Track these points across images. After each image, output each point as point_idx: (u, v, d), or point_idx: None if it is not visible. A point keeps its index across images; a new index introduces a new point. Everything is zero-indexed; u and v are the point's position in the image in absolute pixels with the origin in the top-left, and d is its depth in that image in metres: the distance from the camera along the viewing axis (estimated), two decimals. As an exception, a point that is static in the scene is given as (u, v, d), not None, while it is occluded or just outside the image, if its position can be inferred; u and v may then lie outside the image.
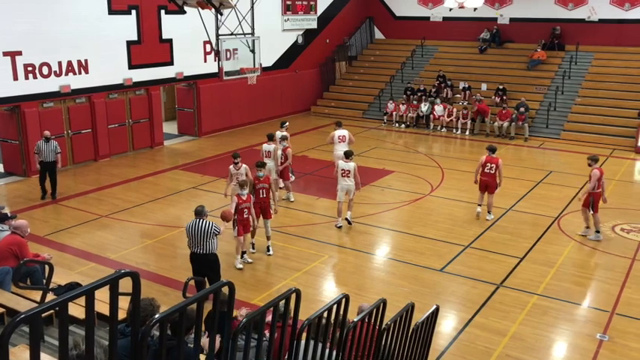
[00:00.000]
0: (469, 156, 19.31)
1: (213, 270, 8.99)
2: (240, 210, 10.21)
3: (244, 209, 10.27)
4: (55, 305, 2.30)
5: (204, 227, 8.81)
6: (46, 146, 14.02)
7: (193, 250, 8.97)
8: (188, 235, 8.96)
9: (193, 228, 8.84)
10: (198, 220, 8.87)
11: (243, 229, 10.38)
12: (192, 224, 8.89)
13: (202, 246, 8.88)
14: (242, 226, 10.33)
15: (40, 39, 15.72)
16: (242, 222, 10.30)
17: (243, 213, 10.26)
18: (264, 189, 10.94)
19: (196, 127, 21.30)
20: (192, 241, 8.92)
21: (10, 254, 7.65)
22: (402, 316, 5.19)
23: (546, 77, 23.29)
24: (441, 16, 26.72)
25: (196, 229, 8.82)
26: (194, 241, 8.90)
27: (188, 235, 8.96)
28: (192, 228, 8.85)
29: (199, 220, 8.87)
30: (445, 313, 8.88)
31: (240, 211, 10.20)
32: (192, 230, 8.84)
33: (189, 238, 8.98)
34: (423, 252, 11.32)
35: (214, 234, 8.89)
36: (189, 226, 8.91)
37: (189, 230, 8.90)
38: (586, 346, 8.13)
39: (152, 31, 18.83)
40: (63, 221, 12.85)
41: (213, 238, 8.91)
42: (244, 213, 10.29)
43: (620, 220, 12.97)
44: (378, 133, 22.40)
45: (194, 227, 8.84)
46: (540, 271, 10.41)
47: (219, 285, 2.99)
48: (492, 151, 12.90)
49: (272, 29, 22.70)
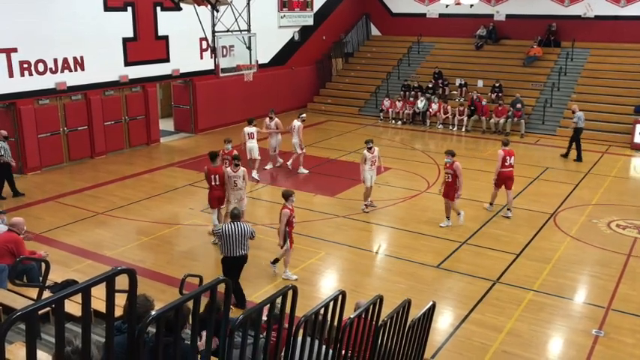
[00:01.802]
0: (466, 152, 19.32)
1: (240, 271, 8.97)
2: (290, 222, 9.79)
3: (293, 220, 9.93)
4: (52, 302, 2.29)
5: (242, 230, 8.67)
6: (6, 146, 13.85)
7: (229, 255, 8.74)
8: (225, 238, 8.70)
9: (232, 231, 8.65)
10: (236, 223, 8.70)
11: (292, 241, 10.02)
12: (230, 227, 8.68)
13: (239, 249, 8.72)
14: (292, 237, 9.98)
15: (35, 36, 15.66)
16: (292, 233, 9.97)
17: (292, 224, 9.91)
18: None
19: (192, 124, 21.28)
20: (229, 244, 8.69)
21: (6, 252, 7.64)
22: (398, 313, 5.20)
23: (542, 74, 23.33)
24: (437, 13, 26.72)
25: (235, 232, 8.64)
26: (231, 245, 8.68)
27: (225, 238, 8.70)
28: (231, 231, 8.65)
29: (237, 223, 8.70)
30: (441, 310, 8.89)
31: (290, 223, 9.79)
32: (231, 233, 8.64)
33: (224, 241, 8.72)
34: (420, 248, 11.34)
35: (251, 237, 8.80)
36: (227, 229, 8.68)
37: (227, 234, 8.66)
38: (582, 341, 8.17)
39: (148, 28, 18.77)
40: (59, 218, 12.82)
41: (248, 240, 8.81)
42: (293, 224, 9.97)
43: (615, 216, 13.01)
44: (375, 129, 22.40)
45: (232, 230, 8.65)
46: (536, 268, 10.44)
47: (216, 282, 2.99)
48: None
49: (268, 26, 22.66)
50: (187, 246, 11.70)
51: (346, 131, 21.82)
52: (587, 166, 17.14)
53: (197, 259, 11.03)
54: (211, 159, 11.60)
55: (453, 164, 12.11)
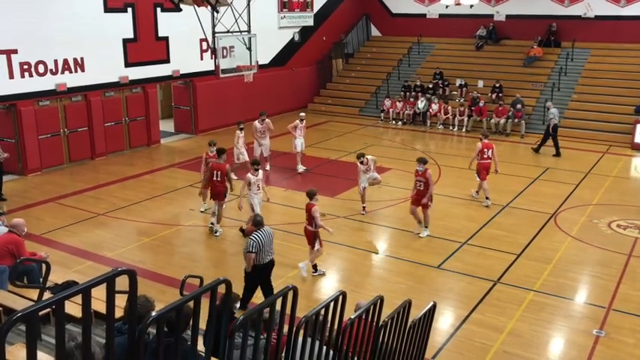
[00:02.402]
0: (466, 153, 19.30)
1: (270, 275, 8.80)
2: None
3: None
4: (52, 303, 2.29)
5: (269, 236, 8.55)
6: None
7: (260, 262, 8.51)
8: (260, 248, 8.44)
9: (262, 239, 8.43)
10: (263, 230, 8.52)
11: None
12: (262, 235, 8.46)
13: (268, 254, 8.58)
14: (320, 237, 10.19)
15: (36, 37, 15.67)
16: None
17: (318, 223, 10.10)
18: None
19: (193, 124, 21.28)
20: (262, 252, 8.47)
21: (6, 253, 7.64)
22: (399, 313, 5.20)
23: (543, 74, 23.32)
24: (437, 13, 26.72)
25: (264, 239, 8.44)
26: (264, 252, 8.49)
27: (260, 248, 8.44)
28: (264, 239, 8.45)
29: (263, 230, 8.53)
30: (442, 310, 8.89)
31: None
32: (265, 241, 8.45)
33: (259, 251, 8.45)
34: (420, 249, 11.34)
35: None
36: (260, 237, 8.44)
37: (262, 242, 8.43)
38: (582, 341, 8.16)
39: (148, 29, 18.78)
40: (60, 220, 12.82)
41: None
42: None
43: (616, 216, 13.00)
44: (375, 130, 22.40)
45: (262, 239, 8.43)
46: (537, 268, 10.44)
47: (217, 283, 2.99)
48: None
49: (268, 27, 22.66)
50: (188, 247, 11.70)
51: (347, 132, 21.82)
52: (587, 166, 17.13)
53: (197, 259, 11.04)
54: (218, 154, 11.99)
55: (425, 172, 11.77)
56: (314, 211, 9.94)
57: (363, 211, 13.17)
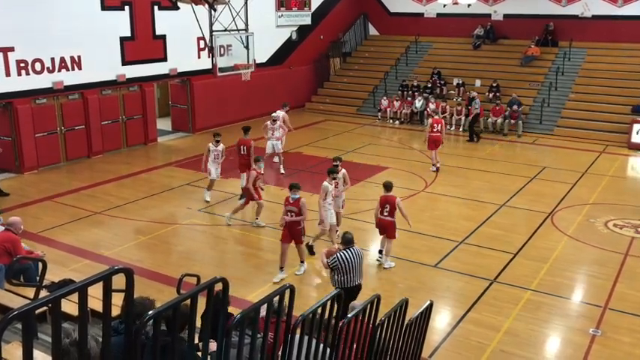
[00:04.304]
0: (463, 152, 19.37)
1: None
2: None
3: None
4: (48, 302, 2.29)
5: (358, 256, 7.81)
6: None
7: (346, 285, 7.66)
8: (344, 269, 7.71)
9: (348, 259, 7.68)
10: (352, 249, 7.78)
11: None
12: (349, 256, 7.71)
13: (357, 277, 7.84)
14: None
15: (32, 35, 15.63)
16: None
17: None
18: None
19: (190, 123, 21.25)
20: (346, 274, 7.71)
21: (3, 251, 7.63)
22: (396, 312, 5.20)
23: (540, 73, 23.35)
24: (435, 13, 26.73)
25: (352, 259, 7.70)
26: (348, 274, 7.71)
27: (344, 269, 7.71)
28: (347, 259, 7.68)
29: (352, 249, 7.79)
30: (439, 309, 8.89)
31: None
32: (349, 261, 7.69)
33: (344, 272, 7.73)
34: (418, 248, 11.34)
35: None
36: (343, 258, 7.69)
37: (344, 263, 7.68)
38: (579, 340, 8.18)
39: (145, 28, 18.74)
40: (56, 218, 12.80)
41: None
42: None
43: (613, 215, 13.03)
44: (373, 129, 22.41)
45: (349, 258, 7.68)
46: (534, 267, 10.45)
47: (213, 281, 2.98)
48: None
49: (266, 25, 22.62)
50: (185, 245, 11.69)
51: (344, 131, 21.82)
52: (584, 165, 17.16)
53: (195, 258, 11.02)
54: (244, 131, 13.77)
55: (298, 201, 9.96)
56: (399, 202, 10.27)
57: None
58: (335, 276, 7.88)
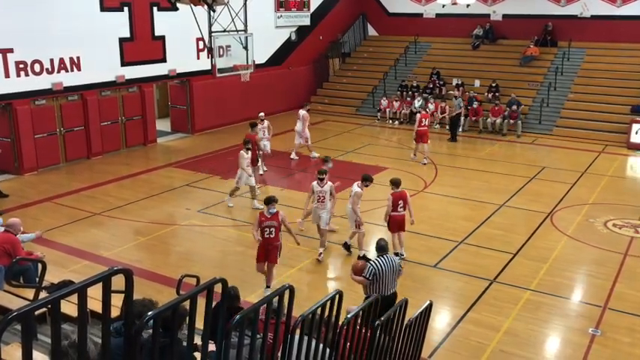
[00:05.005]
0: (462, 152, 19.39)
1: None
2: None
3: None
4: (48, 303, 2.29)
5: (393, 264, 7.45)
6: None
7: (384, 294, 7.25)
8: (378, 277, 7.37)
9: (383, 267, 7.35)
10: (386, 257, 7.47)
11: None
12: (383, 263, 7.40)
13: (391, 286, 7.50)
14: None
15: (32, 36, 15.62)
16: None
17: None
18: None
19: (189, 124, 21.24)
20: (380, 283, 7.37)
21: (2, 252, 7.63)
22: (395, 312, 5.20)
23: (539, 73, 23.36)
24: (434, 13, 26.74)
25: (386, 267, 7.36)
26: (383, 283, 7.38)
27: (378, 277, 7.37)
28: (382, 267, 7.36)
29: (386, 257, 7.48)
30: (439, 309, 8.90)
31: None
32: (383, 270, 7.36)
33: (377, 280, 7.38)
34: (417, 248, 11.34)
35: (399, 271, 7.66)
36: (379, 267, 7.36)
37: (381, 270, 7.35)
38: (579, 340, 8.18)
39: (144, 28, 18.74)
40: (56, 219, 12.79)
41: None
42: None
43: (612, 215, 13.04)
44: (372, 129, 22.41)
45: (383, 266, 7.35)
46: (533, 267, 10.46)
47: (213, 282, 2.98)
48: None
49: (265, 26, 22.62)
50: (184, 246, 11.69)
51: (344, 131, 21.83)
52: (583, 165, 17.17)
53: (194, 259, 11.02)
54: (251, 127, 14.93)
55: (277, 214, 9.42)
56: (408, 196, 10.63)
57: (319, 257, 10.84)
58: (370, 285, 7.49)
